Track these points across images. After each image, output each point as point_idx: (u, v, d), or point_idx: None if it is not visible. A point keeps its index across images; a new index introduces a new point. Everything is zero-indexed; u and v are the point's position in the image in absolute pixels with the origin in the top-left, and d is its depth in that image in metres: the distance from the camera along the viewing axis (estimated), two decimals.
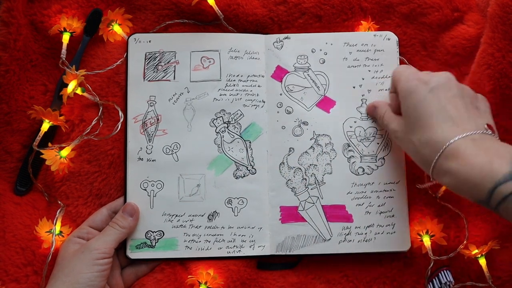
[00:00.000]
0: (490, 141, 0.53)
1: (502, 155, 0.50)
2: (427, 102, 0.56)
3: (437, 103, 0.56)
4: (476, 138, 0.53)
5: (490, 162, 0.50)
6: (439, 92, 0.57)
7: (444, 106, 0.56)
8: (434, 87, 0.57)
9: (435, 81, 0.58)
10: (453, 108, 0.56)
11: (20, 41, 0.66)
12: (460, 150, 0.52)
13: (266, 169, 0.68)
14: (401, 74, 0.61)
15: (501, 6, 0.63)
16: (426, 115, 0.56)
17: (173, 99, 0.69)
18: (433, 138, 0.54)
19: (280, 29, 0.71)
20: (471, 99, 0.58)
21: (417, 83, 0.58)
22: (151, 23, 0.71)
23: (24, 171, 0.67)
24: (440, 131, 0.54)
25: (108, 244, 0.61)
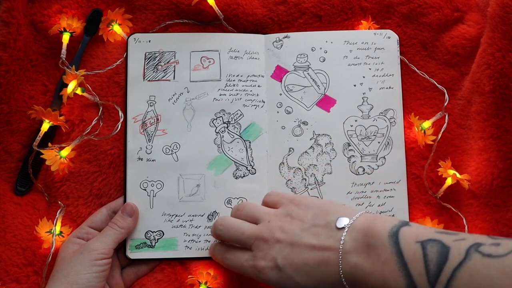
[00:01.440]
0: (361, 238, 0.50)
1: (385, 261, 0.48)
2: (295, 277, 0.53)
3: (300, 269, 0.53)
4: (348, 249, 0.50)
5: (385, 280, 0.47)
6: (288, 261, 0.53)
7: (304, 263, 0.53)
8: (283, 265, 0.53)
9: (278, 258, 0.54)
10: (309, 254, 0.52)
11: (20, 41, 0.66)
12: (356, 277, 0.49)
13: (266, 169, 0.68)
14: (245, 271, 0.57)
15: (501, 6, 0.63)
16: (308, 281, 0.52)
17: (173, 99, 0.69)
18: (330, 284, 0.51)
19: (280, 29, 0.71)
20: (306, 223, 0.55)
21: (271, 274, 0.54)
22: (151, 23, 0.71)
23: (24, 171, 0.67)
24: (329, 279, 0.51)
25: (107, 244, 0.61)
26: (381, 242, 0.49)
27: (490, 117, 0.65)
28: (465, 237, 0.46)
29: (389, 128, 0.68)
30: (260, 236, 0.56)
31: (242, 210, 0.61)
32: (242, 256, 0.58)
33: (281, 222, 0.56)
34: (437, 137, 0.68)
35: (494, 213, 0.66)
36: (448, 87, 0.70)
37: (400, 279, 0.47)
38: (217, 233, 0.60)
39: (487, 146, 0.66)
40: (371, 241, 0.50)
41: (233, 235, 0.59)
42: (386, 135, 0.68)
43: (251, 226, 0.58)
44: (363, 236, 0.50)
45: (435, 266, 0.45)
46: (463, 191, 0.67)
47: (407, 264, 0.47)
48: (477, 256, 0.44)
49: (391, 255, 0.48)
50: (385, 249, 0.48)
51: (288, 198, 0.59)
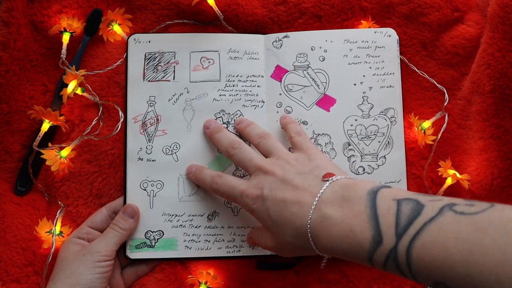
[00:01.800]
0: (341, 191, 0.51)
1: (357, 212, 0.48)
2: (270, 210, 0.54)
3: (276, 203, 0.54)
4: (326, 198, 0.51)
5: (352, 231, 0.47)
6: (272, 193, 0.55)
7: (282, 198, 0.54)
8: (267, 195, 0.55)
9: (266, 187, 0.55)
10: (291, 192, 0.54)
11: (20, 41, 0.66)
12: (320, 226, 0.50)
13: None
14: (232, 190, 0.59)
15: (501, 6, 0.63)
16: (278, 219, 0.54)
17: (172, 99, 0.69)
18: (295, 227, 0.52)
19: (280, 29, 0.71)
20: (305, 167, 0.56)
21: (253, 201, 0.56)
22: (151, 23, 0.71)
23: (24, 171, 0.67)
24: (296, 221, 0.52)
25: (109, 246, 0.61)
26: (358, 196, 0.49)
27: (490, 117, 0.65)
28: (442, 199, 0.46)
29: (389, 127, 0.68)
30: (262, 168, 0.58)
31: (263, 139, 0.63)
32: (236, 182, 0.59)
33: (286, 162, 0.58)
34: (437, 137, 0.68)
35: None
36: (448, 87, 0.70)
37: (367, 230, 0.47)
38: (230, 153, 0.62)
39: (487, 146, 0.66)
40: (349, 194, 0.50)
41: (243, 159, 0.61)
42: (386, 134, 0.68)
43: (261, 157, 0.61)
44: (342, 190, 0.51)
45: (406, 220, 0.45)
46: (463, 191, 0.67)
47: (378, 217, 0.47)
48: (450, 213, 0.44)
49: (364, 208, 0.48)
50: (360, 202, 0.48)
51: (307, 146, 0.61)
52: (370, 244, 0.46)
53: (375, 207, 0.47)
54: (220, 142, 0.65)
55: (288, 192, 0.54)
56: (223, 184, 0.60)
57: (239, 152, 0.62)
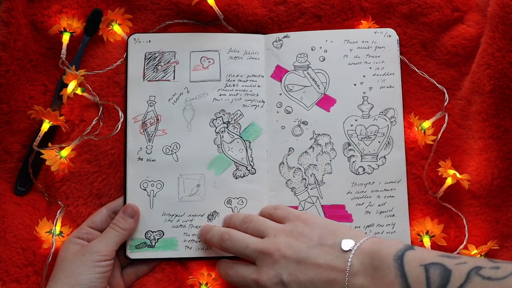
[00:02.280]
0: (367, 260, 0.51)
1: (389, 283, 0.49)
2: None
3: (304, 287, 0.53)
4: (355, 271, 0.51)
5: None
6: (294, 278, 0.54)
7: (310, 281, 0.53)
8: (288, 280, 0.54)
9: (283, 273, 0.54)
10: (315, 272, 0.53)
11: (20, 41, 0.66)
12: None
13: (266, 169, 0.68)
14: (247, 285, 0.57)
15: (501, 6, 0.63)
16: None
17: (172, 99, 0.69)
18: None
19: (280, 29, 0.71)
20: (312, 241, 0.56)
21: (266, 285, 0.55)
22: (151, 23, 0.71)
23: (24, 171, 0.67)
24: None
25: (109, 246, 0.61)
26: (386, 265, 0.50)
27: (490, 117, 0.65)
28: (467, 261, 0.48)
29: (389, 128, 0.68)
30: (264, 250, 0.57)
31: (250, 223, 0.61)
32: (245, 271, 0.58)
33: (288, 238, 0.57)
34: (437, 137, 0.68)
35: (494, 213, 0.66)
36: (448, 87, 0.70)
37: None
38: (222, 246, 0.61)
39: (487, 146, 0.66)
40: (377, 263, 0.50)
41: (238, 248, 0.59)
42: (386, 134, 0.68)
43: (257, 240, 0.59)
44: (370, 259, 0.51)
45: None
46: (463, 191, 0.67)
47: (410, 286, 0.48)
48: (477, 279, 0.45)
49: (396, 277, 0.49)
50: (390, 271, 0.49)
51: (295, 214, 0.60)
52: None
53: (405, 276, 0.49)
54: (212, 242, 0.63)
55: (311, 273, 0.53)
56: (233, 276, 0.59)
57: (231, 243, 0.60)
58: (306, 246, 0.55)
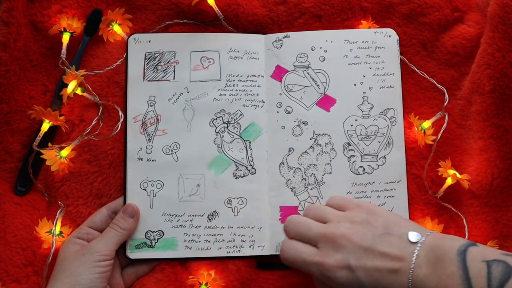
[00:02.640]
0: (431, 253, 0.52)
1: (450, 274, 0.49)
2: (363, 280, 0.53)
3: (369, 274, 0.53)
4: (419, 263, 0.52)
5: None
6: (359, 263, 0.54)
7: (375, 268, 0.53)
8: (354, 265, 0.53)
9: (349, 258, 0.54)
10: (381, 260, 0.53)
11: (20, 41, 0.66)
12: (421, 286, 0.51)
13: (266, 169, 0.68)
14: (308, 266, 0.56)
15: (501, 6, 0.63)
16: (374, 287, 0.53)
17: (172, 99, 0.69)
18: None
19: (280, 29, 0.71)
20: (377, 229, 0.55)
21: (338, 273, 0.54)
22: (151, 23, 0.71)
23: (24, 171, 0.67)
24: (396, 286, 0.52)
25: (109, 246, 0.61)
26: (449, 258, 0.50)
27: (490, 117, 0.65)
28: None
29: (389, 128, 0.68)
30: (329, 234, 0.56)
31: (310, 211, 0.60)
32: (306, 251, 0.57)
33: (352, 225, 0.56)
34: (437, 137, 0.68)
35: (494, 213, 0.66)
36: (448, 87, 0.70)
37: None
38: (285, 229, 0.60)
39: (487, 146, 0.66)
40: (440, 256, 0.51)
41: (300, 230, 0.58)
42: (386, 134, 0.68)
43: (319, 224, 0.58)
44: (433, 252, 0.52)
45: (497, 283, 0.47)
46: (463, 191, 0.67)
47: (471, 279, 0.48)
48: None
49: (457, 270, 0.49)
50: (452, 264, 0.50)
51: (355, 203, 0.59)
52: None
53: (466, 270, 0.49)
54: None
55: (378, 261, 0.53)
56: (293, 256, 0.58)
57: (293, 225, 0.59)
58: (372, 234, 0.55)
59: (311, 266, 0.56)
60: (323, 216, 0.58)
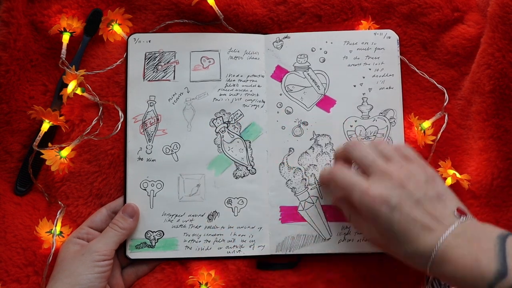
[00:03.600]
0: (470, 230, 0.53)
1: (486, 249, 0.50)
2: (397, 222, 0.54)
3: (406, 218, 0.54)
4: (456, 232, 0.52)
5: (477, 261, 0.49)
6: (402, 207, 0.54)
7: (414, 217, 0.54)
8: (395, 205, 0.54)
9: (394, 197, 0.55)
10: (422, 215, 0.54)
11: (20, 41, 0.66)
12: (447, 254, 0.51)
13: (266, 169, 0.68)
14: (351, 187, 0.58)
15: (501, 6, 0.63)
16: (401, 233, 0.54)
17: (173, 99, 0.69)
18: (418, 250, 0.53)
19: (280, 29, 0.71)
20: (431, 191, 0.56)
21: (375, 202, 0.55)
22: (151, 23, 0.71)
23: (24, 171, 0.67)
24: (422, 243, 0.53)
25: (109, 246, 0.61)
26: (487, 237, 0.51)
27: (490, 117, 0.65)
28: None
29: (388, 128, 0.68)
30: (388, 171, 0.57)
31: (380, 145, 0.61)
32: (357, 177, 0.58)
33: (411, 176, 0.57)
34: (437, 137, 0.68)
35: (494, 213, 0.66)
36: (448, 87, 0.70)
37: (494, 264, 0.49)
38: (347, 149, 0.61)
39: (487, 146, 0.66)
40: (478, 234, 0.52)
41: (363, 155, 0.59)
42: (386, 135, 0.68)
43: (383, 160, 0.59)
44: (472, 229, 0.52)
45: None
46: (463, 191, 0.67)
47: (506, 256, 0.49)
48: None
49: (493, 247, 0.50)
50: (490, 243, 0.50)
51: (422, 163, 0.60)
52: (494, 275, 0.48)
53: (504, 249, 0.50)
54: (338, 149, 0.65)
55: (419, 213, 0.54)
56: (342, 176, 0.59)
57: (358, 151, 0.60)
58: (424, 193, 0.55)
59: (355, 192, 0.57)
60: (390, 155, 0.59)
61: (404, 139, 0.68)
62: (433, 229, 0.53)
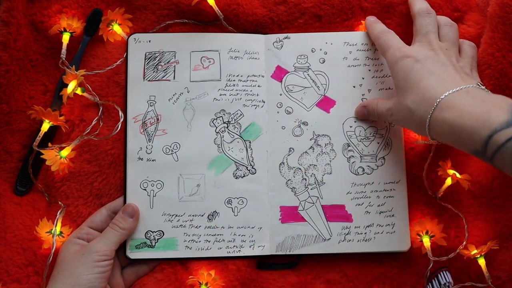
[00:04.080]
0: (485, 93, 0.54)
1: (500, 105, 0.50)
2: (416, 71, 0.57)
3: (426, 70, 0.57)
4: (470, 90, 0.53)
5: (488, 111, 0.50)
6: (426, 62, 0.58)
7: (433, 71, 0.56)
8: (421, 59, 0.58)
9: (422, 55, 0.59)
10: (443, 72, 0.56)
11: (20, 41, 0.66)
12: (455, 101, 0.52)
13: (266, 169, 0.68)
14: (389, 45, 0.62)
15: (501, 6, 0.63)
16: (416, 80, 0.57)
17: (173, 99, 0.69)
18: (426, 96, 0.55)
19: (280, 29, 0.71)
20: (461, 64, 0.59)
21: (404, 56, 0.59)
22: (151, 23, 0.71)
23: (24, 171, 0.67)
24: (432, 89, 0.55)
25: (109, 246, 0.61)
26: (503, 100, 0.51)
27: None
28: None
29: (388, 129, 0.68)
30: (434, 44, 0.61)
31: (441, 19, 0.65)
32: (399, 40, 0.63)
33: (454, 64, 0.59)
34: None
35: (494, 213, 0.66)
36: None
37: (503, 114, 0.49)
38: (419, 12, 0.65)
39: None
40: (494, 98, 0.52)
41: (425, 23, 0.63)
42: (385, 136, 0.68)
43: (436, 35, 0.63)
44: (488, 94, 0.53)
45: None
46: (463, 191, 0.67)
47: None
48: None
49: (507, 106, 0.49)
50: (504, 105, 0.50)
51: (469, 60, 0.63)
52: (500, 124, 0.48)
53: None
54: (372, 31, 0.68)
55: (439, 70, 0.56)
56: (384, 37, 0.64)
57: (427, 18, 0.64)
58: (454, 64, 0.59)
59: (392, 48, 0.62)
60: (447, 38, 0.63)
61: (403, 140, 0.68)
62: (446, 79, 0.55)
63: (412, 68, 0.58)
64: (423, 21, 0.64)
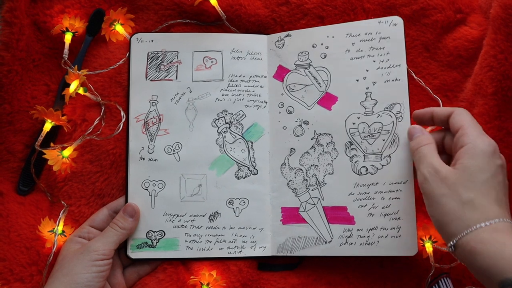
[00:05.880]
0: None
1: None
2: (496, 175, 0.54)
3: (502, 181, 0.54)
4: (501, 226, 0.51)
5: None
6: (503, 171, 0.55)
7: (502, 187, 0.54)
8: (503, 165, 0.55)
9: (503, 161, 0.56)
10: (501, 193, 0.54)
11: (23, 41, 0.66)
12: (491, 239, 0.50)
13: (268, 169, 0.68)
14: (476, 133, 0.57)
15: (504, 8, 0.63)
16: (491, 185, 0.53)
17: (175, 99, 0.69)
18: (483, 208, 0.52)
19: (282, 29, 0.71)
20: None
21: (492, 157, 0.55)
22: (153, 23, 0.71)
23: (27, 171, 0.68)
24: (492, 209, 0.52)
25: (108, 245, 0.61)
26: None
27: (492, 119, 0.65)
28: None
29: (395, 124, 0.65)
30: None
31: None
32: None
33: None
34: None
35: None
36: (450, 89, 0.69)
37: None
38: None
39: None
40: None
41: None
42: (391, 131, 0.65)
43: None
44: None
45: None
46: None
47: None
48: None
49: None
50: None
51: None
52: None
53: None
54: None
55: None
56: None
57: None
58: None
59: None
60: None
61: None
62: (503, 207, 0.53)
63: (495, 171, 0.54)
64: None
